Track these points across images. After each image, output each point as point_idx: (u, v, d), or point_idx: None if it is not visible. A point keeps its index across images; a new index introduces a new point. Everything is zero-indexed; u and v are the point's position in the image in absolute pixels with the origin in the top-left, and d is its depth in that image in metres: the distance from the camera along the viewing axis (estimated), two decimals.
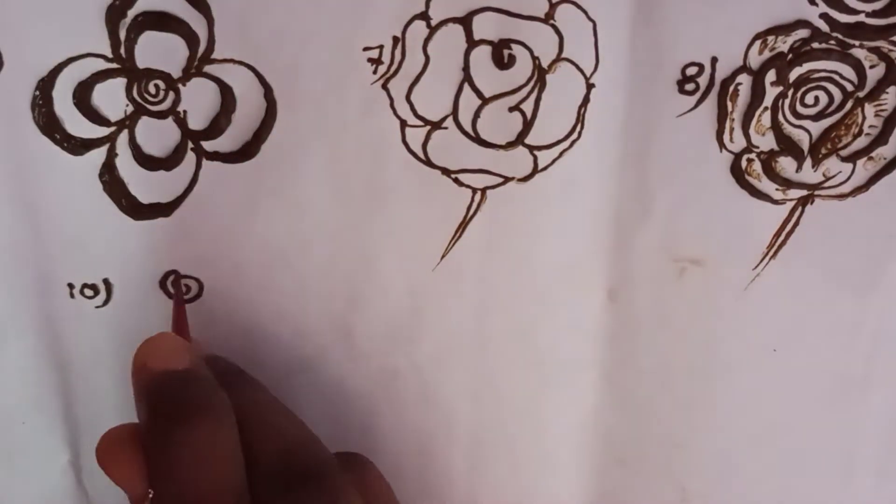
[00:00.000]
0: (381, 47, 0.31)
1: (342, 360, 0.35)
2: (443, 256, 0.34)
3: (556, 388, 0.36)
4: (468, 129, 0.32)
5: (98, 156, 0.31)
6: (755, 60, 0.31)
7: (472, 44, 0.31)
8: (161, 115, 0.31)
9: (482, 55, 0.31)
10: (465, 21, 0.30)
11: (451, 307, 0.34)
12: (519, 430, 0.36)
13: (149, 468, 0.28)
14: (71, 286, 0.33)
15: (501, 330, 0.35)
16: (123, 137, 0.31)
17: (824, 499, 0.37)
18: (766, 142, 0.32)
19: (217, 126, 0.31)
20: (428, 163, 0.32)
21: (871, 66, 0.31)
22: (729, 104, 0.31)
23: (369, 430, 0.36)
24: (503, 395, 0.36)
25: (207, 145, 0.32)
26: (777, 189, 0.32)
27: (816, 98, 0.31)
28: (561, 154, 0.32)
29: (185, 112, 0.31)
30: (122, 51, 0.30)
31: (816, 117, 0.32)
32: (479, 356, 0.35)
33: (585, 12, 0.30)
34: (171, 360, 0.30)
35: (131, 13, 0.30)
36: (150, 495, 0.28)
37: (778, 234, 0.33)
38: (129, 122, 0.31)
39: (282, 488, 0.28)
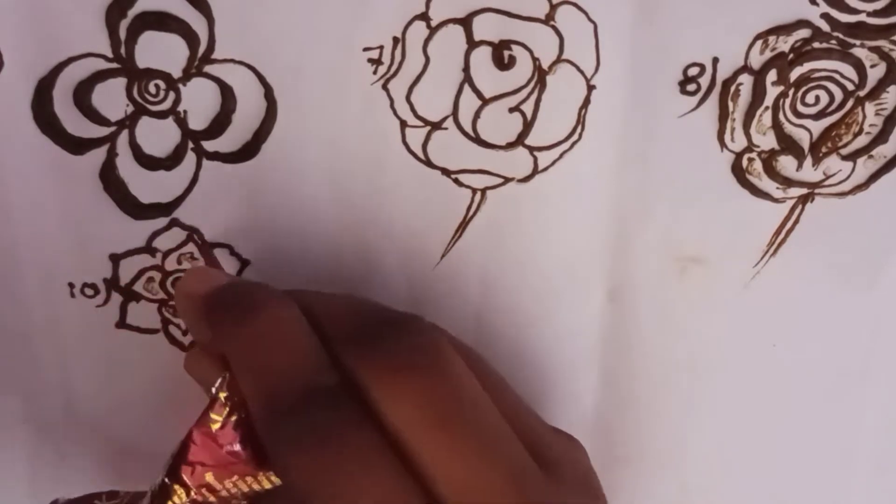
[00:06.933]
0: (381, 48, 0.31)
1: None
2: (443, 256, 0.34)
3: (556, 388, 0.36)
4: (468, 129, 0.32)
5: (98, 156, 0.31)
6: (756, 60, 0.31)
7: (472, 44, 0.31)
8: (161, 115, 0.31)
9: (482, 56, 0.31)
10: (466, 22, 0.30)
11: (451, 307, 0.34)
12: None
13: (228, 364, 0.28)
14: (71, 286, 0.33)
15: (501, 330, 0.35)
16: (123, 137, 0.31)
17: (824, 493, 0.37)
18: (767, 141, 0.32)
19: (217, 126, 0.31)
20: (428, 163, 0.32)
21: (872, 66, 0.31)
22: (730, 104, 0.31)
23: None
24: None
25: (207, 145, 0.32)
26: (778, 188, 0.33)
27: (817, 97, 0.31)
28: (561, 155, 0.32)
29: (185, 112, 0.31)
30: (122, 51, 0.30)
31: (817, 116, 0.32)
32: None
33: (586, 14, 0.30)
34: (215, 280, 0.30)
35: (131, 13, 0.30)
36: (226, 377, 0.28)
37: (778, 232, 0.33)
38: (129, 122, 0.31)
39: (359, 341, 0.27)
